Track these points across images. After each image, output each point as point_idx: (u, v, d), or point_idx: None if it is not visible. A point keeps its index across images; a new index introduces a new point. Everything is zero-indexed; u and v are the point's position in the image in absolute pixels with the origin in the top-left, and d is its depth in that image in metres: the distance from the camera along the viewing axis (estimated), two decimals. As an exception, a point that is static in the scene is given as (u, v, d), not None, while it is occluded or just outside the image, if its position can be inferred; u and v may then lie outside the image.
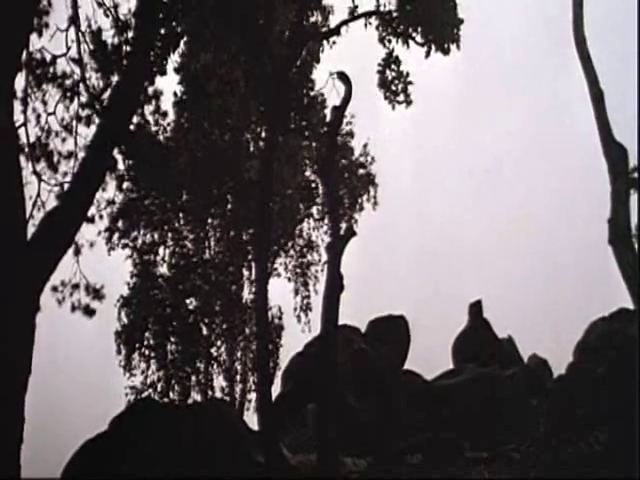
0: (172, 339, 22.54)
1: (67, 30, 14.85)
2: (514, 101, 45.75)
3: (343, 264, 19.48)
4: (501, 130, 44.56)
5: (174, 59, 19.00)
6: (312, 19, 21.12)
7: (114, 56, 14.94)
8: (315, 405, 20.29)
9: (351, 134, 26.32)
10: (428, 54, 19.07)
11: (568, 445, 16.81)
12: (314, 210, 25.91)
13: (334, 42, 20.72)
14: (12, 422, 10.66)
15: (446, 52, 19.08)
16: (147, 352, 22.55)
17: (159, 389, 22.43)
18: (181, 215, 24.21)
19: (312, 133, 21.94)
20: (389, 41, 19.68)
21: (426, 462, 19.19)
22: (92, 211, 15.15)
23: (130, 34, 15.07)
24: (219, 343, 24.37)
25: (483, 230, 40.33)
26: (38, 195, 14.03)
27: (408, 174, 37.78)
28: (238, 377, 25.35)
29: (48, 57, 14.84)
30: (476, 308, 26.99)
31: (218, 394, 23.93)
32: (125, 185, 20.34)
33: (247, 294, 25.17)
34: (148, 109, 17.19)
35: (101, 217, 16.63)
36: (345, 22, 20.39)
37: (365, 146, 26.56)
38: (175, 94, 21.85)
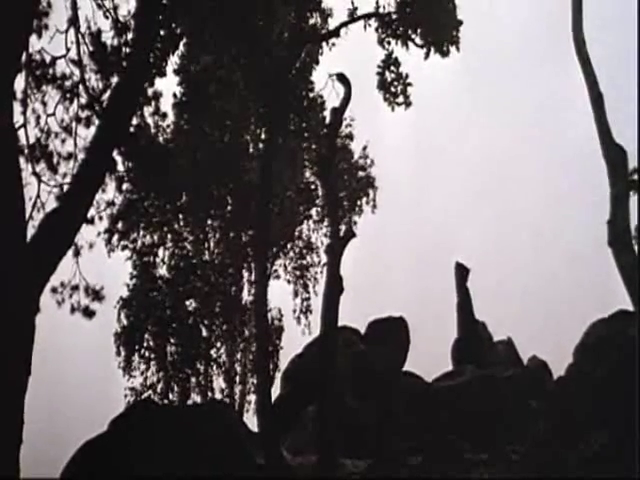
0: (172, 340, 22.51)
1: (67, 31, 14.80)
2: (513, 104, 45.86)
3: (342, 266, 19.51)
4: (500, 133, 44.67)
5: (174, 61, 19.08)
6: (311, 21, 21.13)
7: (114, 57, 14.92)
8: (315, 407, 20.29)
9: (351, 136, 26.31)
10: (427, 56, 19.11)
11: (568, 446, 16.83)
12: (313, 212, 25.91)
13: (333, 44, 20.76)
14: (12, 423, 10.64)
15: (445, 54, 19.10)
16: (147, 353, 22.52)
17: (159, 390, 22.41)
18: (181, 216, 24.20)
19: (311, 134, 21.95)
20: (388, 43, 19.71)
21: (426, 463, 19.20)
22: (92, 212, 15.08)
23: (130, 36, 15.06)
24: (219, 344, 24.35)
25: (482, 232, 40.42)
26: (38, 196, 13.99)
27: (407, 176, 37.86)
28: (238, 379, 25.34)
29: (48, 58, 14.80)
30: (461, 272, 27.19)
31: (218, 395, 23.92)
32: (125, 186, 20.31)
33: (247, 296, 25.22)
34: (148, 110, 17.16)
35: (101, 218, 16.52)
36: (344, 24, 20.42)
37: (364, 149, 26.58)
38: (175, 95, 21.87)
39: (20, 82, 14.06)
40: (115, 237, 22.62)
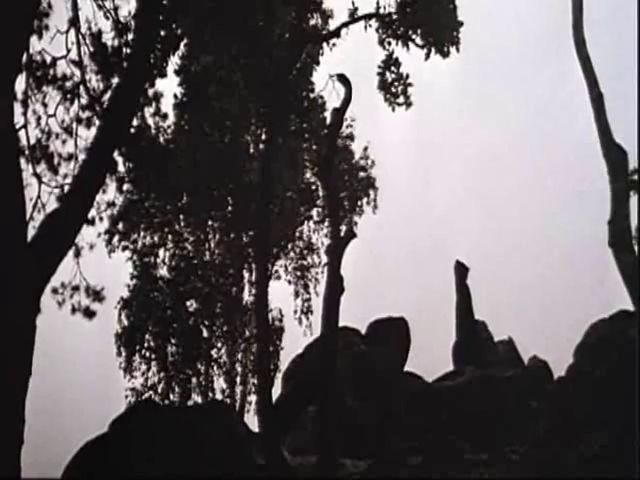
0: (172, 341, 22.51)
1: (67, 32, 14.84)
2: (514, 104, 45.87)
3: (343, 266, 19.52)
4: (501, 132, 44.67)
5: (174, 61, 19.10)
6: (312, 22, 21.15)
7: (114, 58, 14.95)
8: (315, 407, 20.30)
9: (351, 137, 26.31)
10: (428, 56, 19.14)
11: (568, 446, 16.83)
12: (314, 212, 25.90)
13: (334, 44, 20.78)
14: (12, 423, 10.67)
15: (445, 55, 19.12)
16: (147, 354, 22.50)
17: (159, 391, 22.39)
18: (181, 217, 24.20)
19: (312, 135, 21.97)
20: (389, 43, 19.74)
21: (426, 463, 19.21)
22: (92, 213, 15.11)
23: (130, 36, 15.08)
24: (219, 345, 24.33)
25: (483, 232, 40.43)
26: (38, 197, 14.04)
27: (408, 177, 37.90)
28: (238, 379, 25.32)
29: (48, 59, 14.84)
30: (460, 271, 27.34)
31: (218, 396, 23.90)
32: (125, 187, 20.32)
33: (247, 296, 25.19)
34: (148, 111, 17.18)
35: (101, 219, 16.52)
36: (345, 24, 20.45)
37: (365, 149, 26.57)
38: (175, 96, 21.86)
39: (21, 83, 14.11)
40: (116, 238, 22.61)
